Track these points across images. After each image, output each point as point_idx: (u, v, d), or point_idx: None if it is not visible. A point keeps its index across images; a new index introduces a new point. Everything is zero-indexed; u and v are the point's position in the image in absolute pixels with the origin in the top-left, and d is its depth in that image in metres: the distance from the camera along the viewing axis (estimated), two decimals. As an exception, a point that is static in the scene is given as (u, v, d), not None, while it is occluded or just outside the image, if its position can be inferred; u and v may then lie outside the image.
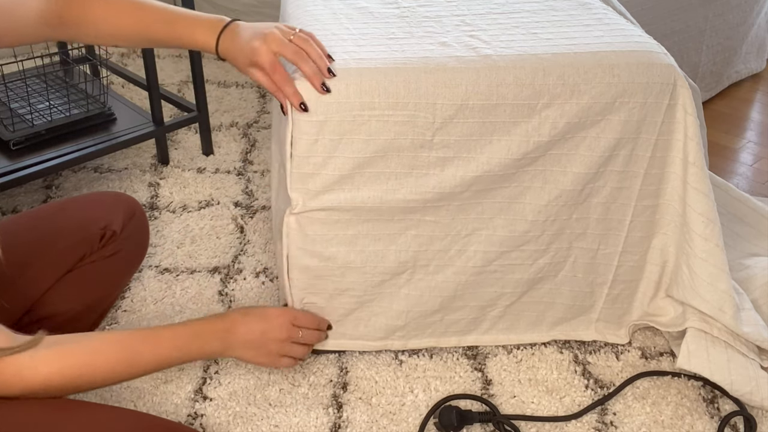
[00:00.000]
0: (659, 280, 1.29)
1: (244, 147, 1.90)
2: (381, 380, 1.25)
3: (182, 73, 2.27)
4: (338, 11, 1.28)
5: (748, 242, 1.53)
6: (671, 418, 1.20)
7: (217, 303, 1.41)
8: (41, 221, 1.21)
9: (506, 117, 1.11)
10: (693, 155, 1.17)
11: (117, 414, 0.97)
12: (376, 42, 1.17)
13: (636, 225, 1.23)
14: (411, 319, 1.26)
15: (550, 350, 1.32)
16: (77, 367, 0.96)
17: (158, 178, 1.77)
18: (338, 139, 1.09)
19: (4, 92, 1.71)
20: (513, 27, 1.22)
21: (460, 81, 1.09)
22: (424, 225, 1.18)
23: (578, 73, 1.11)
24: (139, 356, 1.02)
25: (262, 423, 1.17)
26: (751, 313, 1.25)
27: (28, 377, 0.92)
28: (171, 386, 1.23)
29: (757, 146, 2.04)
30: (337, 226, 1.16)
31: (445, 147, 1.12)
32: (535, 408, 1.21)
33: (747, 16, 2.17)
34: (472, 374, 1.27)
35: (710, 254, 1.20)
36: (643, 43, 1.18)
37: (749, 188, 1.85)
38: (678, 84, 1.14)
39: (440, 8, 1.29)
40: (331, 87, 1.07)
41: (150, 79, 1.69)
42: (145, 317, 1.37)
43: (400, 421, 1.18)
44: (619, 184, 1.19)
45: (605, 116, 1.14)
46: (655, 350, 1.33)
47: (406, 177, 1.14)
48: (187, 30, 1.08)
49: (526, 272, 1.25)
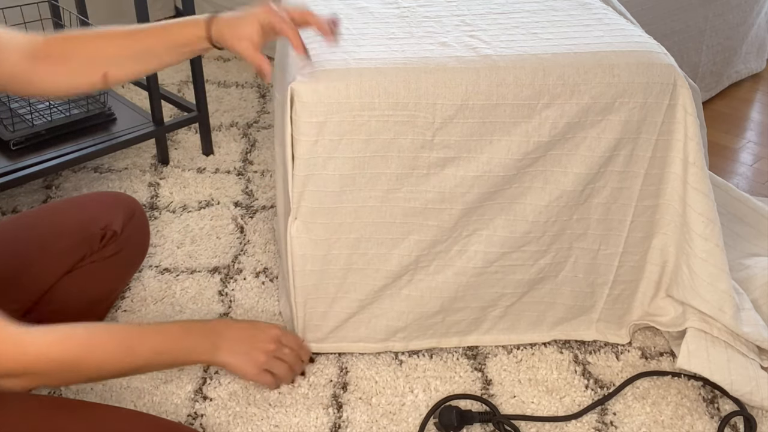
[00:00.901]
0: (659, 280, 1.29)
1: (244, 147, 1.90)
2: (381, 380, 1.25)
3: (182, 73, 2.27)
4: (338, 11, 1.28)
5: (748, 242, 1.53)
6: (671, 418, 1.20)
7: (217, 303, 1.41)
8: (41, 221, 1.21)
9: (506, 117, 1.11)
10: (693, 155, 1.17)
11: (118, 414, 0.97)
12: (376, 42, 1.17)
13: (636, 225, 1.23)
14: (412, 321, 1.26)
15: (550, 350, 1.32)
16: (77, 344, 0.93)
17: (158, 178, 1.77)
18: (338, 139, 1.09)
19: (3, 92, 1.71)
20: (513, 27, 1.22)
21: (460, 81, 1.09)
22: (426, 229, 1.18)
23: (578, 73, 1.11)
24: (137, 345, 1.02)
25: (262, 423, 1.17)
26: (751, 313, 1.25)
27: (28, 343, 0.88)
28: (171, 386, 1.23)
29: (757, 146, 2.04)
30: (340, 229, 1.16)
31: (446, 147, 1.12)
32: (535, 408, 1.21)
33: (747, 16, 2.17)
34: (472, 374, 1.27)
35: (710, 254, 1.20)
36: (643, 43, 1.18)
37: (749, 188, 1.85)
38: (678, 84, 1.14)
39: (440, 8, 1.29)
40: (331, 87, 1.07)
41: (150, 79, 1.69)
42: (145, 317, 1.37)
43: (400, 421, 1.18)
44: (620, 184, 1.19)
45: (605, 116, 1.14)
46: (655, 350, 1.33)
47: (407, 177, 1.14)
48: (177, 29, 1.07)
49: (526, 273, 1.25)
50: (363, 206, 1.15)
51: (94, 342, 0.96)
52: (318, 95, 1.07)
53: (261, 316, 1.37)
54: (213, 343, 1.11)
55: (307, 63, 1.10)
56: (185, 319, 1.12)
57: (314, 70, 1.09)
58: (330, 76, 1.08)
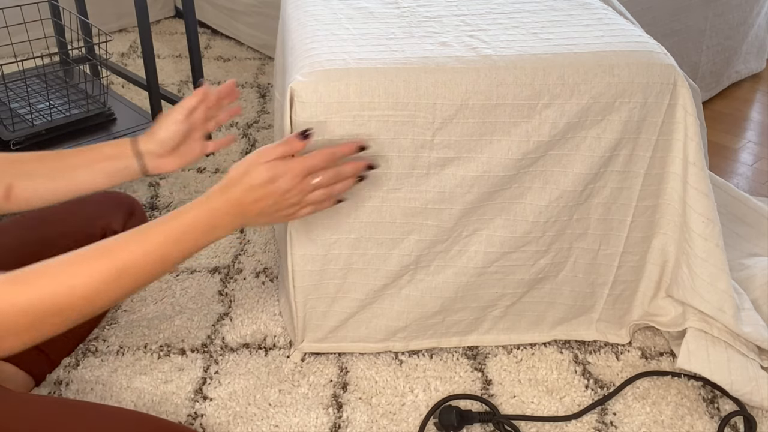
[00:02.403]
0: (659, 280, 1.29)
1: (244, 147, 1.90)
2: (381, 380, 1.25)
3: (182, 73, 2.27)
4: (338, 11, 1.28)
5: (748, 242, 1.53)
6: (671, 418, 1.20)
7: (217, 303, 1.41)
8: (42, 221, 1.21)
9: (506, 117, 1.11)
10: (693, 155, 1.17)
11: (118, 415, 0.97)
12: (376, 42, 1.17)
13: (636, 225, 1.23)
14: (412, 321, 1.26)
15: (550, 350, 1.32)
16: (45, 284, 0.81)
17: (158, 178, 1.77)
18: (339, 139, 1.09)
19: (4, 92, 1.71)
20: (513, 27, 1.22)
21: (460, 81, 1.09)
22: (426, 229, 1.18)
23: (578, 73, 1.11)
24: (128, 268, 0.87)
25: (262, 423, 1.17)
26: (751, 313, 1.25)
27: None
28: (171, 386, 1.23)
29: (757, 146, 2.04)
30: (340, 229, 1.16)
31: (446, 147, 1.12)
32: (535, 408, 1.21)
33: (747, 16, 2.17)
34: (472, 374, 1.27)
35: (710, 254, 1.20)
36: (644, 43, 1.18)
37: (749, 188, 1.85)
38: (678, 84, 1.14)
39: (440, 8, 1.29)
40: (331, 87, 1.07)
41: (150, 79, 1.69)
42: (145, 317, 1.37)
43: (400, 421, 1.18)
44: (620, 184, 1.19)
45: (605, 116, 1.14)
46: (655, 350, 1.33)
47: (407, 177, 1.14)
48: (101, 146, 1.06)
49: (527, 273, 1.25)
50: (363, 206, 1.15)
51: (65, 283, 0.83)
52: (318, 95, 1.07)
53: (261, 316, 1.37)
54: (237, 221, 0.96)
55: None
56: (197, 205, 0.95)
57: (314, 70, 1.09)
58: (330, 76, 1.08)
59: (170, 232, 0.90)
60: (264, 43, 2.38)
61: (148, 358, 1.28)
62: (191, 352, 1.30)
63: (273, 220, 0.99)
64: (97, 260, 0.85)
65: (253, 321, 1.36)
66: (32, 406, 0.95)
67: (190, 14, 1.67)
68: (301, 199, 0.98)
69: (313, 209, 1.01)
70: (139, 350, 1.30)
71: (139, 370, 1.26)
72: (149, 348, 1.30)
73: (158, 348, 1.30)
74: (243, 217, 0.96)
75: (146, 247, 0.88)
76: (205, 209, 0.93)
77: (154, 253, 0.88)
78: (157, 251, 0.89)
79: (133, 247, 0.87)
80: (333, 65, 1.10)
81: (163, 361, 1.28)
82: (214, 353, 1.29)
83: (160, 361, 1.27)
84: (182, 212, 0.92)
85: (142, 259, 0.87)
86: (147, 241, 0.88)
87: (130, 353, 1.29)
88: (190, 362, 1.27)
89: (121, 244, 0.87)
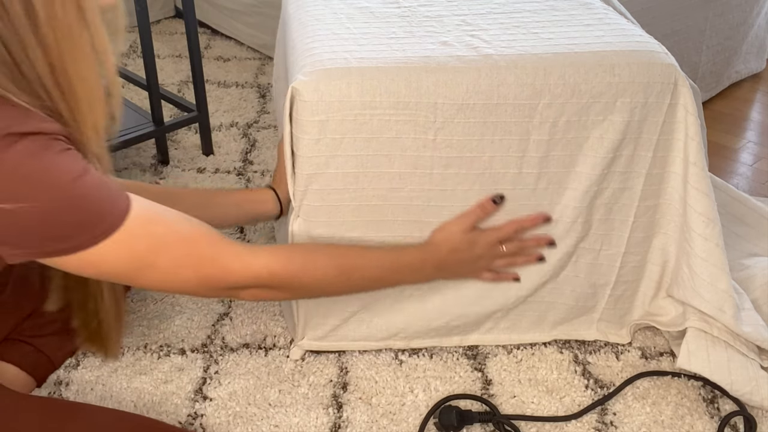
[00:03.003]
0: (660, 279, 1.29)
1: (244, 147, 1.90)
2: (381, 380, 1.25)
3: (182, 73, 2.27)
4: (339, 11, 1.28)
5: (748, 242, 1.53)
6: (671, 418, 1.20)
7: (217, 303, 1.40)
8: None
9: (507, 117, 1.11)
10: (693, 155, 1.17)
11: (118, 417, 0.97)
12: (377, 41, 1.17)
13: (638, 225, 1.23)
14: (413, 320, 1.26)
15: (550, 350, 1.32)
16: (295, 262, 1.01)
17: (158, 178, 1.76)
18: (340, 138, 1.09)
19: (3, 92, 1.71)
20: (514, 27, 1.22)
21: (461, 80, 1.09)
22: (429, 228, 1.18)
23: (579, 73, 1.11)
24: (353, 272, 1.08)
25: (262, 423, 1.17)
26: (751, 313, 1.25)
27: (249, 260, 0.96)
28: (171, 386, 1.23)
29: (757, 146, 2.04)
30: (343, 227, 1.16)
31: (448, 147, 1.12)
32: (535, 408, 1.21)
33: (747, 16, 2.17)
34: (472, 374, 1.27)
35: (710, 254, 1.20)
36: (644, 43, 1.18)
37: (749, 188, 1.85)
38: (679, 83, 1.14)
39: (441, 8, 1.29)
40: (332, 86, 1.07)
41: (150, 79, 1.69)
42: (145, 317, 1.37)
43: (400, 421, 1.18)
44: (622, 184, 1.19)
45: (607, 116, 1.14)
46: (655, 350, 1.33)
47: (410, 176, 1.14)
48: (246, 191, 1.30)
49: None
50: (365, 204, 1.15)
51: (311, 264, 1.03)
52: (319, 94, 1.07)
53: (261, 316, 1.37)
54: (435, 274, 1.18)
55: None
56: (408, 249, 1.16)
57: (315, 69, 1.09)
58: (331, 75, 1.08)
59: (390, 263, 1.12)
60: (264, 43, 2.38)
61: (148, 358, 1.28)
62: (191, 352, 1.30)
63: (460, 276, 1.21)
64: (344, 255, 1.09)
65: (253, 321, 1.36)
66: (31, 407, 0.95)
67: (190, 14, 1.67)
68: (489, 262, 1.19)
69: (494, 277, 1.21)
70: (139, 350, 1.29)
71: (139, 370, 1.25)
72: (149, 348, 1.30)
73: (158, 348, 1.30)
74: (441, 272, 1.17)
75: (374, 260, 1.11)
76: (419, 257, 1.14)
77: (380, 267, 1.11)
78: (381, 267, 1.11)
79: (369, 255, 1.11)
80: (334, 64, 1.10)
81: (163, 361, 1.27)
82: (214, 353, 1.29)
83: (160, 361, 1.27)
84: (401, 251, 1.14)
85: (371, 265, 1.10)
86: (375, 256, 1.11)
87: (130, 353, 1.29)
88: (190, 362, 1.27)
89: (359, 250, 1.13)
